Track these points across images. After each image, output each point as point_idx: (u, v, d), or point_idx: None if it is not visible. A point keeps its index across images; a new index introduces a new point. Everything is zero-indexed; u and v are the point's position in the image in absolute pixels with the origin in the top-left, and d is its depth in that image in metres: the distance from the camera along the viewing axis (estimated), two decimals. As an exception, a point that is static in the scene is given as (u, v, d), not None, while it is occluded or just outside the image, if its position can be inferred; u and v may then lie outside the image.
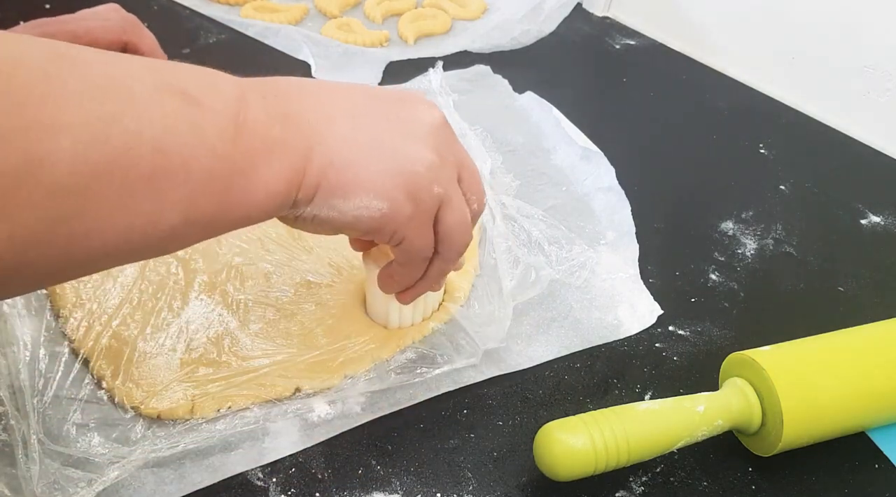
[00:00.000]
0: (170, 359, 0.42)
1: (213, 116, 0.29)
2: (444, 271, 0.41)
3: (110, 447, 0.38)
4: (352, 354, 0.44)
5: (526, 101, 0.71)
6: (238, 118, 0.30)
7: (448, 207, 0.37)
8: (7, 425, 0.38)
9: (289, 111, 0.33)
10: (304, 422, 0.41)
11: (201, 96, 0.29)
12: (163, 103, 0.28)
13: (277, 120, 0.32)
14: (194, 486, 0.37)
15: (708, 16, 0.83)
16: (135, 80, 0.27)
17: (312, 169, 0.33)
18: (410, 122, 0.36)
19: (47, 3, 0.79)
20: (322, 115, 0.34)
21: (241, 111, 0.30)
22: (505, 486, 0.40)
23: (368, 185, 0.34)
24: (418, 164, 0.35)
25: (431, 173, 0.36)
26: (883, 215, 0.62)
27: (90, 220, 0.26)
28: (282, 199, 0.32)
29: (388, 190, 0.35)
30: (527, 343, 0.47)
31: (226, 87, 0.31)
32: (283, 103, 0.33)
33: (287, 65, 0.73)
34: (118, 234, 0.27)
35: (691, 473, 0.41)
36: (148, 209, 0.27)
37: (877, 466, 0.43)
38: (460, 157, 0.38)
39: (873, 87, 0.71)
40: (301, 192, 0.33)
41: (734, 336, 0.50)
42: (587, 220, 0.58)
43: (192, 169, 0.28)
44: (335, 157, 0.33)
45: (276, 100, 0.33)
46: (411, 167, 0.35)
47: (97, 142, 0.25)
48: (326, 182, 0.33)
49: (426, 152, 0.36)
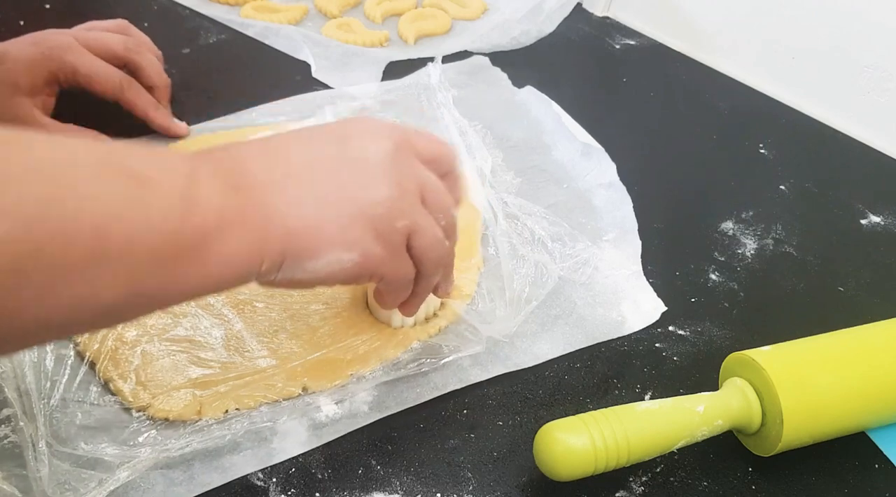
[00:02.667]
0: (176, 360, 0.43)
1: (160, 194, 0.29)
2: (430, 285, 0.41)
3: (119, 448, 0.38)
4: (358, 353, 0.44)
5: (525, 95, 0.71)
6: (187, 194, 0.30)
7: (417, 234, 0.37)
8: (16, 427, 0.38)
9: (241, 183, 0.32)
10: (312, 421, 0.41)
11: (148, 174, 0.29)
12: (106, 183, 0.28)
13: (230, 194, 0.32)
14: (204, 487, 0.38)
15: (708, 16, 0.83)
16: (78, 161, 0.28)
17: (273, 240, 0.33)
18: (363, 161, 0.36)
19: (47, 3, 0.79)
20: (275, 179, 0.33)
21: (191, 187, 0.30)
22: (505, 486, 0.40)
23: (335, 241, 0.34)
24: (379, 205, 0.35)
25: (394, 209, 0.36)
26: (883, 215, 0.62)
27: (22, 298, 0.26)
28: (242, 271, 0.32)
29: (355, 240, 0.35)
30: (532, 341, 0.48)
31: (175, 164, 0.31)
32: (235, 175, 0.33)
33: (287, 65, 0.73)
34: (52, 310, 0.27)
35: (691, 473, 0.41)
36: (84, 288, 0.27)
37: (877, 466, 0.43)
38: (420, 177, 0.38)
39: (873, 87, 0.71)
40: (265, 263, 0.33)
41: (734, 336, 0.50)
42: (589, 216, 0.58)
43: (135, 248, 0.28)
44: (295, 223, 0.33)
45: (228, 172, 0.32)
46: (373, 210, 0.35)
47: (34, 224, 0.25)
48: (292, 248, 0.33)
49: (384, 189, 0.35)
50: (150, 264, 0.29)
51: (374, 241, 0.35)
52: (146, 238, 0.28)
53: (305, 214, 0.34)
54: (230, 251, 0.31)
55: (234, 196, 0.32)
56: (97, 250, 0.27)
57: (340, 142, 0.36)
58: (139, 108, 0.58)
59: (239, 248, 0.32)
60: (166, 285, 0.30)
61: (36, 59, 0.54)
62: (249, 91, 0.68)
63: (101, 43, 0.58)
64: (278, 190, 0.33)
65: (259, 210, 0.32)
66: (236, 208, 0.32)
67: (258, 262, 0.33)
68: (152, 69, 0.60)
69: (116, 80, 0.57)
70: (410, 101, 0.69)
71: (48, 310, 0.27)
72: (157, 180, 0.29)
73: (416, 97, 0.69)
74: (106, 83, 0.56)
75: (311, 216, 0.34)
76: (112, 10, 0.79)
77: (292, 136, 0.36)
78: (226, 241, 0.31)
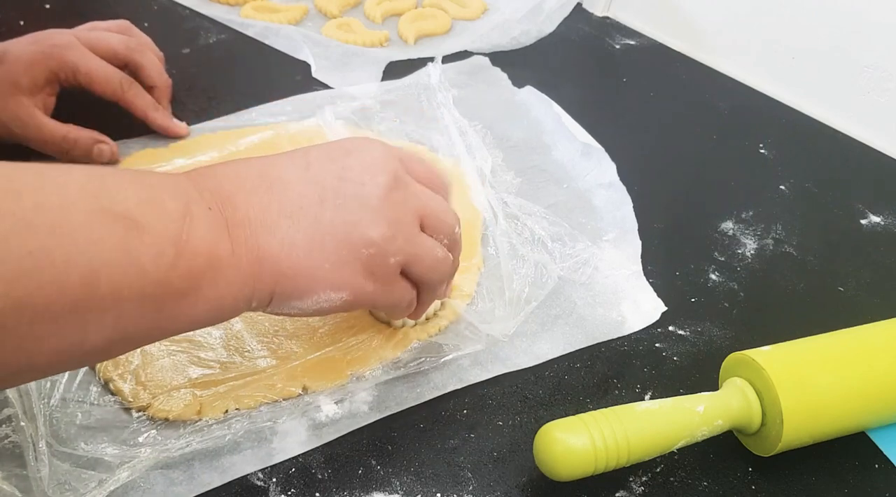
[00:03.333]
0: (176, 360, 0.43)
1: (152, 240, 0.29)
2: (434, 297, 0.42)
3: (119, 448, 0.38)
4: (358, 353, 0.44)
5: (525, 95, 0.71)
6: (180, 239, 0.30)
7: (414, 264, 0.37)
8: (16, 427, 0.38)
9: (234, 220, 0.32)
10: (312, 422, 0.41)
11: (141, 218, 0.29)
12: (96, 231, 0.27)
13: (223, 235, 0.31)
14: (204, 487, 0.38)
15: (708, 16, 0.83)
16: (68, 208, 0.27)
17: (263, 281, 0.33)
18: (359, 198, 0.35)
19: (47, 3, 0.79)
20: (270, 220, 0.33)
21: (184, 230, 0.30)
22: (505, 486, 0.40)
23: (324, 283, 0.34)
24: (371, 245, 0.35)
25: (386, 247, 0.35)
26: (883, 215, 0.62)
27: (4, 349, 0.26)
28: (231, 310, 0.33)
29: (345, 280, 0.35)
30: (532, 341, 0.48)
31: (169, 203, 0.30)
32: (228, 210, 0.32)
33: (287, 65, 0.73)
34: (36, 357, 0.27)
35: (691, 473, 0.41)
36: (69, 335, 0.27)
37: (877, 466, 0.43)
38: (419, 203, 0.37)
39: (873, 87, 0.71)
40: (255, 302, 0.33)
41: (734, 336, 0.50)
42: (589, 216, 0.58)
43: (123, 295, 0.28)
44: (286, 265, 0.33)
45: (222, 206, 0.32)
46: (366, 251, 0.35)
47: (22, 278, 0.25)
48: (280, 289, 0.34)
49: (378, 227, 0.35)
50: (138, 309, 0.29)
51: (365, 279, 0.35)
52: (135, 284, 0.28)
53: (297, 256, 0.33)
54: (220, 294, 0.31)
55: (227, 237, 0.32)
56: (84, 299, 0.27)
57: (338, 177, 0.36)
58: (139, 108, 0.58)
59: (229, 290, 0.32)
60: (154, 327, 0.30)
61: (36, 58, 0.54)
62: (249, 91, 0.68)
63: (103, 43, 0.58)
64: (272, 230, 0.33)
65: (251, 252, 0.32)
66: (228, 250, 0.31)
67: (248, 301, 0.33)
68: (153, 69, 0.60)
69: (117, 80, 0.57)
70: (410, 101, 0.69)
71: (31, 357, 0.27)
72: (150, 224, 0.29)
73: (416, 97, 0.69)
74: (106, 83, 0.56)
75: (303, 259, 0.34)
76: (112, 10, 0.79)
77: (290, 168, 0.36)
78: (216, 285, 0.31)
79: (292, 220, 0.34)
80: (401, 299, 0.39)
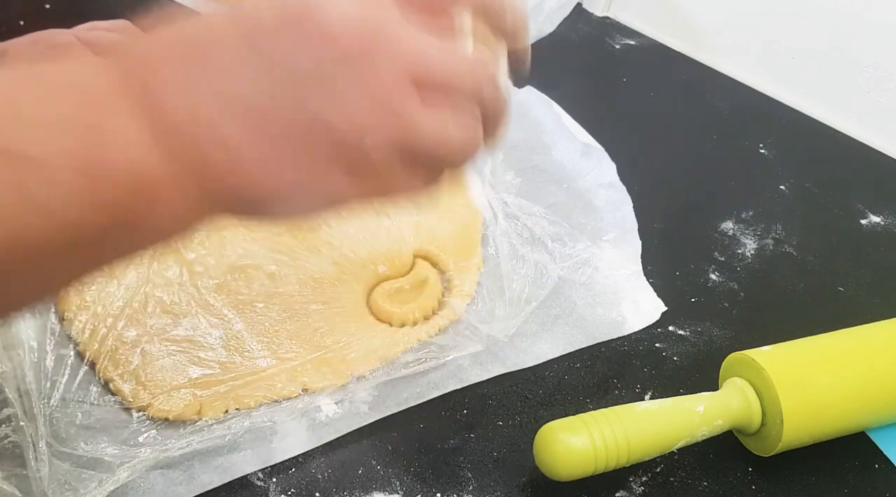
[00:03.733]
0: (176, 360, 0.43)
1: (51, 173, 0.22)
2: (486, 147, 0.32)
3: (119, 448, 0.38)
4: (358, 353, 0.44)
5: (525, 95, 0.71)
6: (89, 163, 0.23)
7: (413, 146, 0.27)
8: (16, 427, 0.38)
9: (165, 124, 0.25)
10: (312, 421, 0.41)
11: (33, 146, 0.22)
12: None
13: (151, 150, 0.24)
14: (204, 487, 0.38)
15: (708, 16, 0.82)
16: None
17: (214, 199, 0.26)
18: (320, 63, 0.25)
19: (47, 3, 0.79)
20: (209, 117, 0.25)
21: (94, 150, 0.23)
22: (505, 486, 0.40)
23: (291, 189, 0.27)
24: (331, 130, 0.26)
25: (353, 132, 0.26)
26: (883, 215, 0.62)
27: None
28: (184, 229, 0.27)
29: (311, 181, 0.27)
30: (532, 341, 0.48)
31: (73, 113, 0.24)
32: (155, 110, 0.25)
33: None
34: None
35: (691, 473, 0.41)
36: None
37: (877, 466, 0.43)
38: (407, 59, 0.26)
39: (873, 87, 0.71)
40: (213, 217, 0.27)
41: (734, 336, 0.50)
42: (589, 216, 0.58)
43: (34, 247, 0.23)
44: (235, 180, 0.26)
45: (149, 107, 0.25)
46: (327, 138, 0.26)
47: None
48: (240, 205, 0.27)
49: (336, 105, 0.26)
50: (60, 259, 0.24)
51: (341, 175, 0.26)
52: (42, 233, 0.23)
53: (248, 162, 0.26)
54: (160, 223, 0.26)
55: (156, 149, 0.24)
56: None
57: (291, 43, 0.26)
58: None
59: (174, 212, 0.26)
60: (93, 264, 0.26)
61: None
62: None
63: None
64: (211, 132, 0.25)
65: (189, 165, 0.25)
66: (160, 168, 0.25)
67: (201, 219, 0.27)
68: None
69: None
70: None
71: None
72: (44, 153, 0.22)
73: (417, 97, 0.69)
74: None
75: (255, 164, 0.26)
76: (112, 10, 0.78)
77: (230, 40, 0.26)
78: (154, 212, 0.25)
79: (234, 114, 0.25)
80: (409, 189, 0.29)
